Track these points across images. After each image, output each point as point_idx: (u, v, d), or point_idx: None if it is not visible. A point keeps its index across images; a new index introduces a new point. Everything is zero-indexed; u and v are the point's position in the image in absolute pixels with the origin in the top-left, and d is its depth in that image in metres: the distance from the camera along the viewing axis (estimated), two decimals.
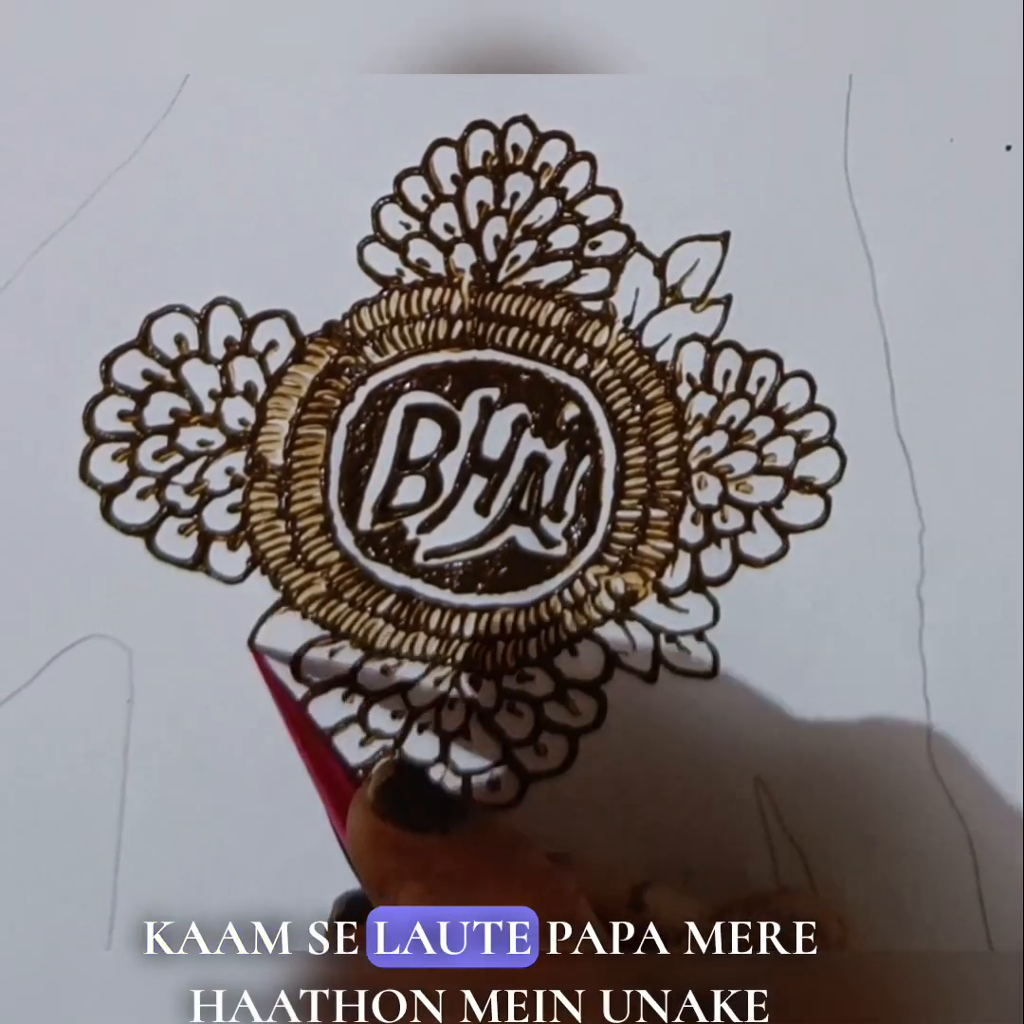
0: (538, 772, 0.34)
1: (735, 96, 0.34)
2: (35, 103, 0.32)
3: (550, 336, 0.34)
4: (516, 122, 0.33)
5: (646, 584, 0.34)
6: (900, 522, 0.34)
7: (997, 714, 0.35)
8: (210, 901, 0.33)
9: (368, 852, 0.27)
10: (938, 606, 0.34)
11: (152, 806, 0.33)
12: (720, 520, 0.34)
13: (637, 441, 0.34)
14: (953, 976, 0.27)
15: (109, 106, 0.32)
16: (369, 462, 0.34)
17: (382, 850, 0.27)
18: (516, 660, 0.34)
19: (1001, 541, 0.35)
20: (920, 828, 0.34)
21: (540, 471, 0.34)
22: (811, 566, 0.34)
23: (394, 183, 0.33)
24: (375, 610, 0.34)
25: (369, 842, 0.27)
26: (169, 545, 0.33)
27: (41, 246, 0.32)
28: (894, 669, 0.34)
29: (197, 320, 0.33)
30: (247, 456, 0.33)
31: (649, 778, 0.34)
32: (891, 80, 0.34)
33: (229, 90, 0.33)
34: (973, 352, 0.34)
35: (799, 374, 0.34)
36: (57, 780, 0.33)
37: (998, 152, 0.34)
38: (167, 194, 0.33)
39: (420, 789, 0.29)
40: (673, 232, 0.34)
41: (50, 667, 0.33)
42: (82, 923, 0.33)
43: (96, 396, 0.32)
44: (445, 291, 0.33)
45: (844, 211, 0.34)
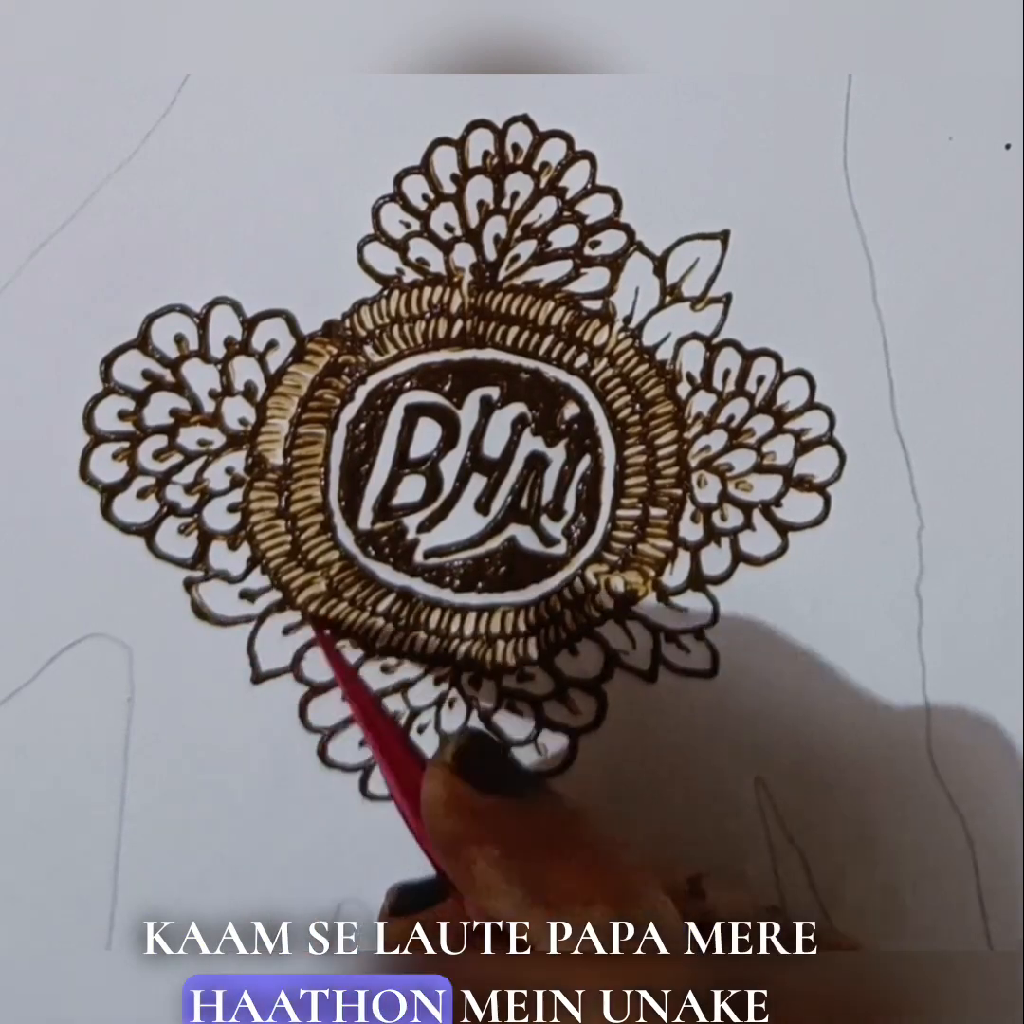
0: (538, 771, 0.34)
1: (735, 96, 0.34)
2: (35, 103, 0.32)
3: (550, 335, 0.34)
4: (516, 121, 0.33)
5: (646, 583, 0.34)
6: (899, 520, 0.34)
7: (997, 713, 0.35)
8: (210, 901, 0.33)
9: (444, 813, 0.27)
10: (937, 604, 0.34)
11: (152, 806, 0.33)
12: (720, 519, 0.34)
13: (637, 440, 0.34)
14: (953, 976, 0.27)
15: (109, 106, 0.32)
16: (369, 461, 0.34)
17: (458, 811, 0.27)
18: (516, 659, 0.34)
19: (1000, 539, 0.35)
20: (920, 828, 0.34)
21: (540, 470, 0.34)
22: (810, 564, 0.34)
23: (394, 182, 0.33)
24: (375, 609, 0.34)
25: (446, 803, 0.27)
26: (169, 545, 0.33)
27: (41, 246, 0.32)
28: (894, 668, 0.34)
29: (197, 320, 0.33)
30: (247, 456, 0.33)
31: (649, 778, 0.34)
32: (891, 80, 0.34)
33: (229, 90, 0.33)
34: (972, 351, 0.34)
35: (798, 372, 0.34)
36: (57, 780, 0.33)
37: (997, 151, 0.34)
38: (167, 194, 0.33)
39: (496, 756, 0.29)
40: (673, 231, 0.34)
41: (50, 667, 0.33)
42: (82, 923, 0.33)
43: (96, 396, 0.33)
44: (445, 290, 0.33)
45: (844, 210, 0.34)
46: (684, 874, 0.30)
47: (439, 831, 0.27)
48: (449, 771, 0.28)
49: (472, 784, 0.28)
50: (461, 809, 0.27)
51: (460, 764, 0.28)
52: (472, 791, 0.27)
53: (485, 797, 0.27)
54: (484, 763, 0.28)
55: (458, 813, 0.27)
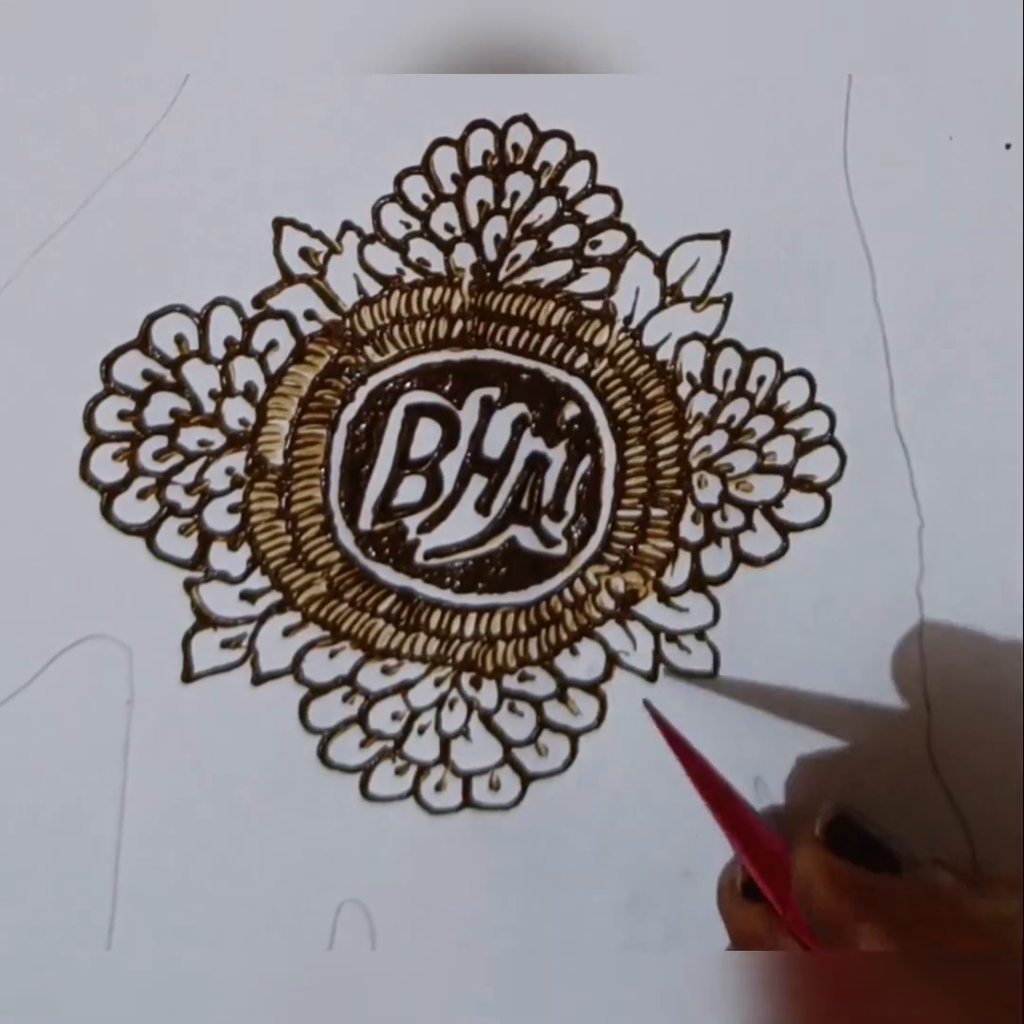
0: (538, 772, 0.34)
1: (735, 96, 0.34)
2: (35, 103, 0.32)
3: (550, 335, 0.34)
4: (516, 122, 0.33)
5: (646, 583, 0.34)
6: (900, 520, 0.34)
7: (997, 713, 0.35)
8: (210, 901, 0.33)
9: (825, 890, 0.27)
10: (937, 604, 0.34)
11: (152, 806, 0.33)
12: (720, 519, 0.34)
13: (637, 440, 0.34)
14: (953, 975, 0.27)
15: (109, 106, 0.32)
16: (369, 462, 0.33)
17: (839, 888, 0.27)
18: (517, 660, 0.34)
19: (1001, 538, 0.35)
20: (920, 828, 0.34)
21: (540, 470, 0.34)
22: (811, 564, 0.34)
23: (394, 182, 0.33)
24: (375, 610, 0.34)
25: (825, 880, 0.27)
26: (169, 545, 0.33)
27: (41, 246, 0.32)
28: (894, 668, 0.34)
29: (197, 320, 0.33)
30: (247, 456, 0.33)
31: (649, 778, 0.34)
32: (891, 80, 0.34)
33: (229, 90, 0.33)
34: (972, 350, 0.34)
35: (799, 373, 0.34)
36: (57, 780, 0.33)
37: (997, 151, 0.34)
38: (167, 194, 0.33)
39: (868, 830, 0.29)
40: (673, 231, 0.34)
41: (50, 667, 0.33)
42: (82, 923, 0.33)
43: (96, 396, 0.32)
44: (445, 290, 0.33)
45: (844, 210, 0.34)
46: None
47: (818, 909, 0.27)
48: (821, 847, 0.28)
49: (849, 856, 0.28)
50: (841, 885, 0.27)
51: (833, 836, 0.28)
52: (851, 867, 0.27)
53: (863, 872, 0.27)
54: (856, 836, 0.28)
55: (840, 889, 0.27)
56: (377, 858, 0.34)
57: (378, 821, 0.34)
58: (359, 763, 0.34)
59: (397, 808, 0.34)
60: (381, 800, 0.34)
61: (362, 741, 0.34)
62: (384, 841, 0.34)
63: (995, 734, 0.35)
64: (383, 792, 0.34)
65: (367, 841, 0.34)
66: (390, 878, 0.34)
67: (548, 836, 0.34)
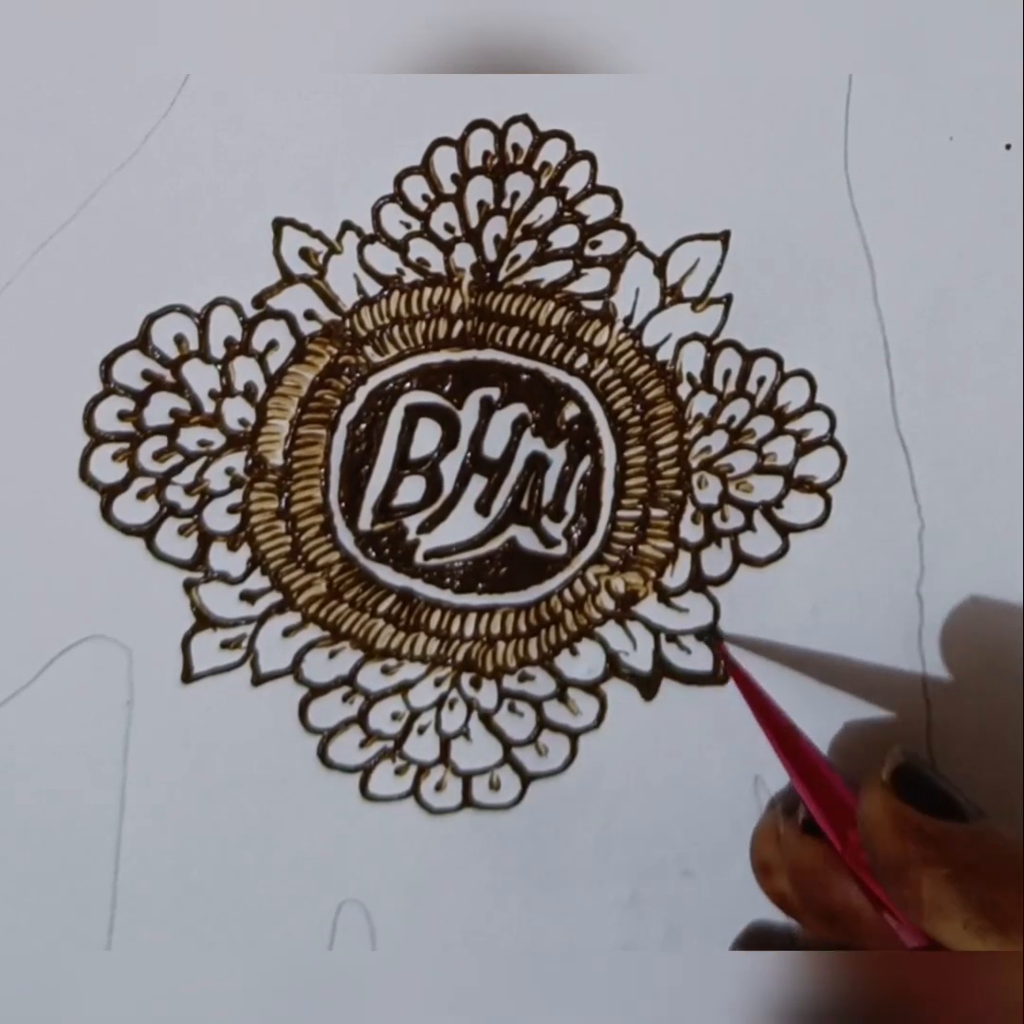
0: (538, 772, 0.34)
1: (735, 96, 0.34)
2: (35, 102, 0.32)
3: (550, 336, 0.34)
4: (516, 122, 0.33)
5: (646, 584, 0.34)
6: (900, 521, 0.34)
7: (997, 714, 0.35)
8: (210, 901, 0.33)
9: (890, 834, 0.27)
10: (937, 604, 0.34)
11: (152, 807, 0.33)
12: (720, 519, 0.34)
13: (637, 441, 0.34)
14: (953, 976, 0.27)
15: (109, 106, 0.32)
16: (369, 462, 0.33)
17: (905, 833, 0.27)
18: (517, 660, 0.34)
19: (1001, 539, 0.35)
20: None
21: (540, 471, 0.34)
22: (811, 565, 0.34)
23: (394, 183, 0.33)
24: (375, 610, 0.34)
25: (892, 825, 0.27)
26: (169, 545, 0.33)
27: (41, 246, 0.32)
28: (894, 668, 0.34)
29: (197, 320, 0.33)
30: (247, 456, 0.33)
31: (649, 778, 0.34)
32: (891, 80, 0.34)
33: (229, 90, 0.33)
34: (973, 351, 0.34)
35: (799, 373, 0.34)
36: (57, 780, 0.33)
37: (998, 151, 0.34)
38: (167, 194, 0.33)
39: (934, 778, 0.29)
40: (673, 231, 0.34)
41: (50, 667, 0.33)
42: (82, 923, 0.33)
43: (96, 396, 0.32)
44: (445, 291, 0.33)
45: (844, 210, 0.34)
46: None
47: (883, 853, 0.27)
48: (889, 792, 0.28)
49: (917, 802, 0.28)
50: (907, 830, 0.27)
51: (901, 782, 0.28)
52: (916, 812, 0.27)
53: (930, 818, 0.27)
54: (923, 783, 0.28)
55: (905, 833, 0.27)
56: (377, 858, 0.34)
57: (378, 821, 0.34)
58: (359, 763, 0.34)
59: (397, 808, 0.34)
60: (381, 800, 0.34)
61: (362, 741, 0.34)
62: (384, 841, 0.34)
63: (995, 734, 0.35)
64: (383, 792, 0.34)
65: (367, 841, 0.34)
66: (390, 878, 0.34)
67: (548, 836, 0.34)
